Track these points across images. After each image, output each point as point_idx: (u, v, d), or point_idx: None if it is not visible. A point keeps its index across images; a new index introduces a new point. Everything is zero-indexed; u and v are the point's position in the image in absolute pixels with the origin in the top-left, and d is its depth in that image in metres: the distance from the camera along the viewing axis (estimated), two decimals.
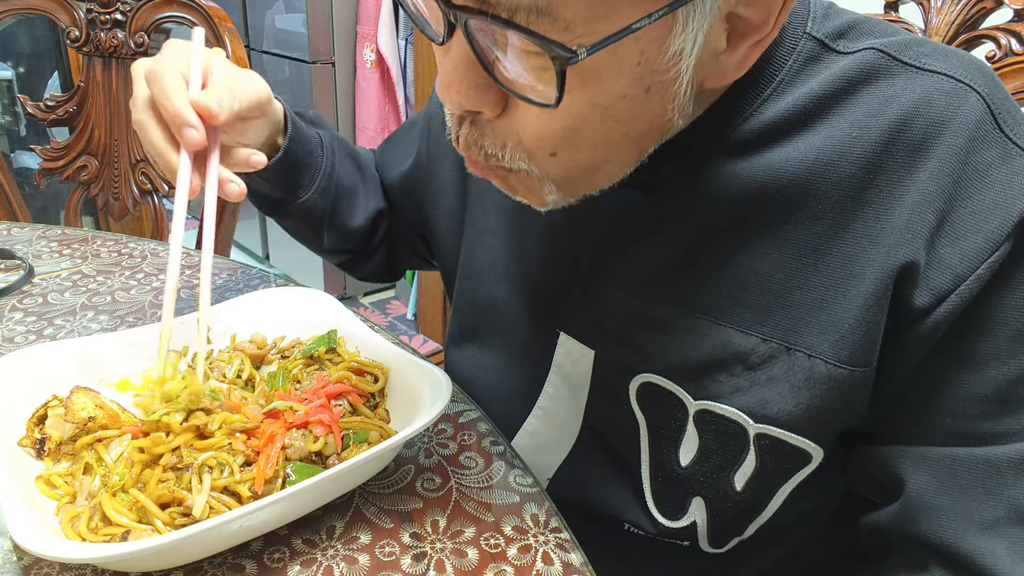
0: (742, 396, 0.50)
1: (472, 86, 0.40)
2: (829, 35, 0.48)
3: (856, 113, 0.46)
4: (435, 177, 0.72)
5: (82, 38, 1.17)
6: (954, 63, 0.46)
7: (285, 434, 0.49)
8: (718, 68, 0.42)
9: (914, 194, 0.44)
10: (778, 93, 0.47)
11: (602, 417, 0.59)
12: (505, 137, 0.43)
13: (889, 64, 0.46)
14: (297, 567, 0.46)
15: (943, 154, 0.44)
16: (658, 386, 0.54)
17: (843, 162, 0.46)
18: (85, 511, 0.45)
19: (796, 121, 0.47)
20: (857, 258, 0.46)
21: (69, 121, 1.21)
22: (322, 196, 0.72)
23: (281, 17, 2.61)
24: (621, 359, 0.55)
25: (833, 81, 0.46)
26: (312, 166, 0.70)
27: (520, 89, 0.39)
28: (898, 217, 0.45)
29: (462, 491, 0.54)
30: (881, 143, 0.45)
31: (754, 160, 0.48)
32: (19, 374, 0.53)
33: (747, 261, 0.49)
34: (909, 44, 0.47)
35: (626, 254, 0.54)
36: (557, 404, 0.61)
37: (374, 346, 0.61)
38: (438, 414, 0.49)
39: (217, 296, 0.81)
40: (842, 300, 0.46)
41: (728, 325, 0.50)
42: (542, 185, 0.45)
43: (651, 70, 0.38)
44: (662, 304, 0.52)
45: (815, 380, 0.48)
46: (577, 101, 0.39)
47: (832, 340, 0.47)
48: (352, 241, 0.78)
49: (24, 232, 0.96)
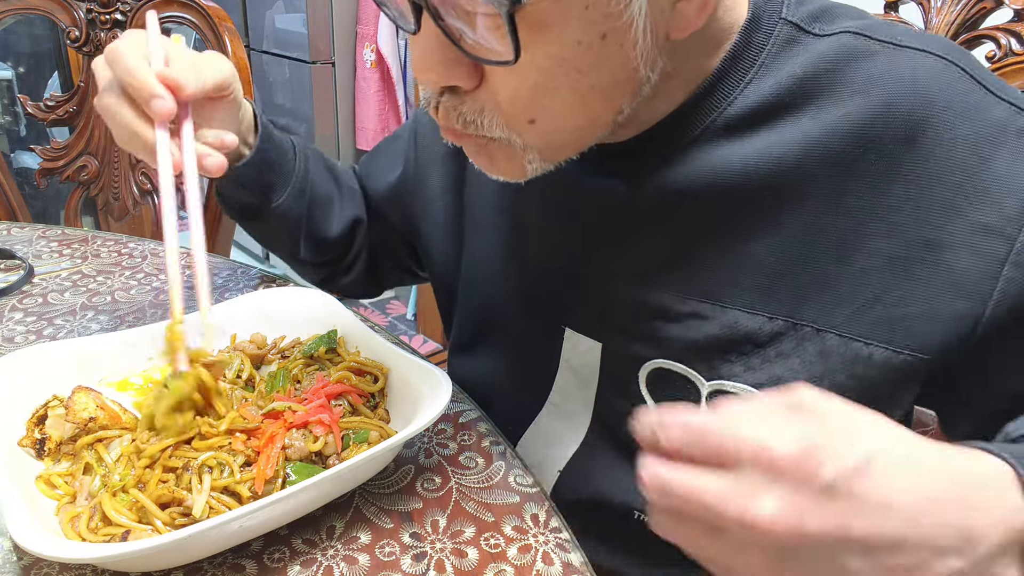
0: (754, 374, 0.51)
1: (443, 62, 0.42)
2: (804, 19, 0.49)
3: (842, 93, 0.47)
4: (424, 187, 0.72)
5: (82, 38, 1.17)
6: (929, 41, 0.47)
7: (285, 434, 0.49)
8: (678, 17, 0.42)
9: (915, 169, 0.45)
10: (759, 76, 0.48)
11: (612, 408, 0.59)
12: (482, 103, 0.44)
13: (867, 44, 0.47)
14: (297, 567, 0.46)
15: (938, 127, 0.45)
16: (669, 371, 0.54)
17: (831, 140, 0.46)
18: (85, 511, 0.45)
19: (781, 104, 0.48)
20: (855, 231, 0.46)
21: (69, 121, 1.21)
22: (296, 201, 0.71)
23: (281, 17, 2.61)
24: (630, 349, 0.56)
25: (814, 62, 0.47)
26: (285, 168, 0.69)
27: (484, 53, 0.40)
28: (900, 192, 0.45)
29: (462, 491, 0.54)
30: (870, 118, 0.46)
31: (742, 144, 0.49)
32: (19, 374, 0.53)
33: (742, 245, 0.49)
34: (882, 25, 0.49)
35: (622, 245, 0.55)
36: (567, 398, 0.61)
37: (374, 346, 0.61)
38: (438, 414, 0.49)
39: (217, 296, 0.81)
40: (847, 274, 0.47)
41: (733, 307, 0.50)
42: (523, 154, 0.46)
43: (603, 14, 0.39)
44: (664, 292, 0.53)
45: (828, 354, 0.48)
46: (535, 55, 0.40)
47: (845, 314, 0.47)
48: (329, 252, 0.77)
49: (24, 232, 0.96)
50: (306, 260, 0.77)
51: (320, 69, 2.52)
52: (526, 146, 0.46)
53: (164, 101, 0.50)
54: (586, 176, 0.55)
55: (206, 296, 0.50)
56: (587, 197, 0.50)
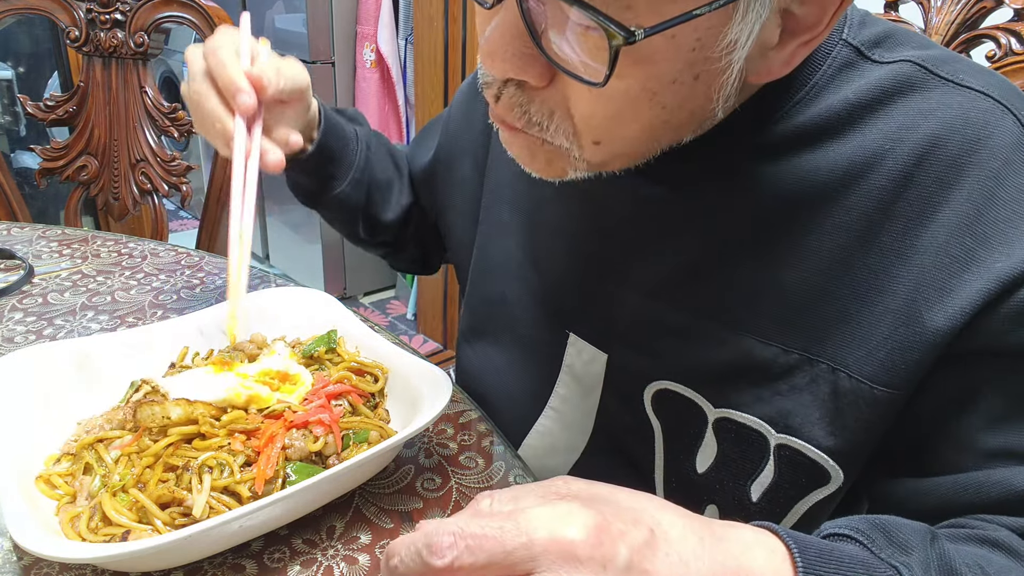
0: (764, 405, 0.49)
1: (518, 55, 0.39)
2: (865, 43, 0.47)
3: (890, 125, 0.45)
4: (452, 174, 0.74)
5: (82, 38, 1.17)
6: (991, 81, 0.45)
7: (285, 434, 0.49)
8: (764, 64, 0.41)
9: (948, 214, 0.43)
10: (811, 97, 0.46)
11: (615, 420, 0.58)
12: (554, 106, 0.42)
13: (926, 77, 0.45)
14: (297, 567, 0.46)
15: (980, 175, 0.43)
16: (675, 393, 0.53)
17: (873, 174, 0.45)
18: (85, 511, 0.45)
19: (828, 128, 0.46)
20: (884, 272, 0.45)
21: (69, 121, 1.21)
22: (355, 189, 0.74)
23: (281, 17, 2.61)
24: (635, 364, 0.55)
25: (868, 90, 0.45)
26: (346, 160, 0.72)
27: (568, 64, 0.37)
28: (931, 237, 0.43)
29: (462, 491, 0.54)
30: (914, 157, 0.44)
31: (782, 165, 0.47)
32: (19, 374, 0.53)
33: (769, 270, 0.48)
34: (946, 59, 0.46)
35: (642, 256, 0.53)
36: (569, 405, 0.61)
37: (374, 346, 0.61)
38: (438, 414, 0.49)
39: (217, 296, 0.81)
40: (867, 315, 0.45)
41: (748, 334, 0.49)
42: (574, 164, 0.44)
43: (704, 57, 0.38)
44: (678, 309, 0.51)
45: (839, 394, 0.47)
46: (629, 84, 0.38)
47: (858, 355, 0.46)
48: (386, 234, 0.81)
49: (24, 232, 0.96)
50: (365, 239, 0.81)
51: (320, 69, 2.52)
52: (582, 159, 0.44)
53: (248, 96, 0.55)
54: (608, 182, 0.53)
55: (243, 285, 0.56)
56: (607, 203, 0.49)
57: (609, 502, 0.33)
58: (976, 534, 0.43)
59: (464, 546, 0.30)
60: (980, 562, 0.39)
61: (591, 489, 0.34)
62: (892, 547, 0.37)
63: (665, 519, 0.33)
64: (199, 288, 0.83)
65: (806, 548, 0.35)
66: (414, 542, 0.31)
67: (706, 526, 0.34)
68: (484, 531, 0.30)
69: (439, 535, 0.30)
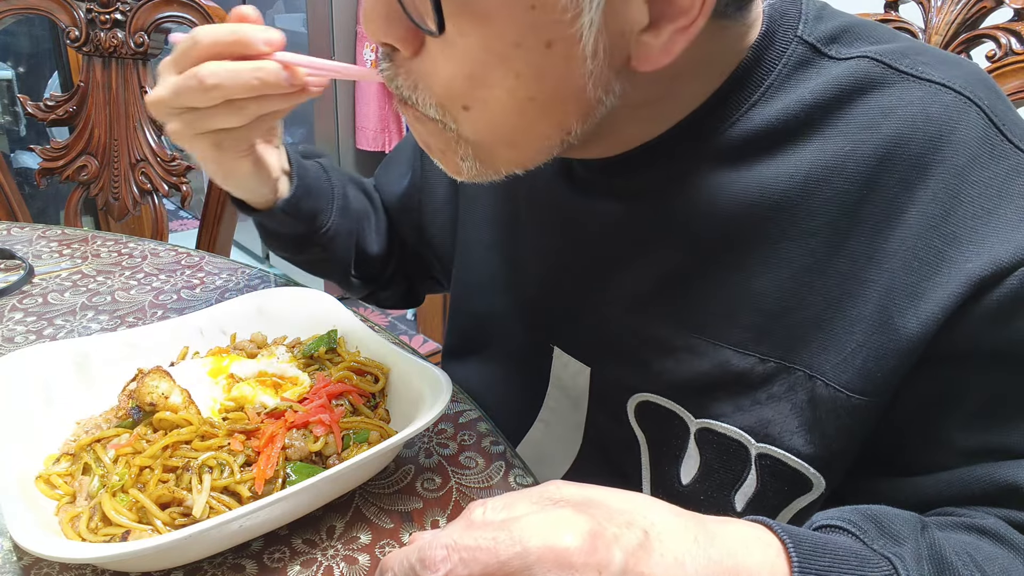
0: (743, 415, 0.49)
1: (384, 16, 0.41)
2: (821, 39, 0.46)
3: (850, 126, 0.44)
4: (431, 196, 0.72)
5: (82, 38, 1.17)
6: (953, 72, 0.44)
7: (285, 434, 0.49)
8: (642, 48, 0.39)
9: (915, 216, 0.42)
10: (766, 98, 0.45)
11: (602, 432, 0.58)
12: (416, 78, 0.43)
13: (884, 73, 0.44)
14: (297, 567, 0.46)
15: (945, 173, 0.42)
16: (657, 404, 0.53)
17: (836, 178, 0.44)
18: (85, 511, 0.45)
19: (786, 131, 0.45)
20: (854, 276, 0.44)
21: (69, 121, 1.21)
22: (343, 217, 0.70)
23: (281, 17, 2.61)
24: (618, 376, 0.54)
25: (825, 89, 0.44)
26: (325, 190, 0.69)
27: (417, 18, 0.39)
28: (899, 240, 0.43)
29: (462, 491, 0.54)
30: (876, 158, 0.43)
31: (743, 172, 0.46)
32: (19, 374, 0.53)
33: (741, 280, 0.47)
34: (906, 51, 0.45)
35: (618, 269, 0.53)
36: (558, 417, 0.61)
37: (374, 346, 0.61)
38: (438, 414, 0.49)
39: (217, 296, 0.81)
40: (841, 321, 0.45)
41: (725, 345, 0.48)
42: (457, 146, 0.44)
43: (551, 20, 0.37)
44: (657, 322, 0.51)
45: (817, 402, 0.46)
46: (471, 44, 0.38)
47: (834, 362, 0.45)
48: (371, 267, 0.77)
49: (24, 232, 0.96)
50: (357, 276, 0.77)
51: None
52: (460, 138, 0.44)
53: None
54: (582, 194, 0.54)
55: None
56: (583, 216, 0.48)
57: (602, 505, 0.33)
58: (964, 521, 0.43)
59: (458, 559, 0.30)
60: (969, 549, 0.40)
61: (583, 492, 0.34)
62: (884, 538, 0.38)
63: (659, 519, 0.33)
64: (199, 288, 0.83)
65: (800, 542, 0.35)
66: (407, 556, 0.31)
67: (700, 524, 0.34)
68: (478, 543, 0.30)
69: (432, 548, 0.30)
